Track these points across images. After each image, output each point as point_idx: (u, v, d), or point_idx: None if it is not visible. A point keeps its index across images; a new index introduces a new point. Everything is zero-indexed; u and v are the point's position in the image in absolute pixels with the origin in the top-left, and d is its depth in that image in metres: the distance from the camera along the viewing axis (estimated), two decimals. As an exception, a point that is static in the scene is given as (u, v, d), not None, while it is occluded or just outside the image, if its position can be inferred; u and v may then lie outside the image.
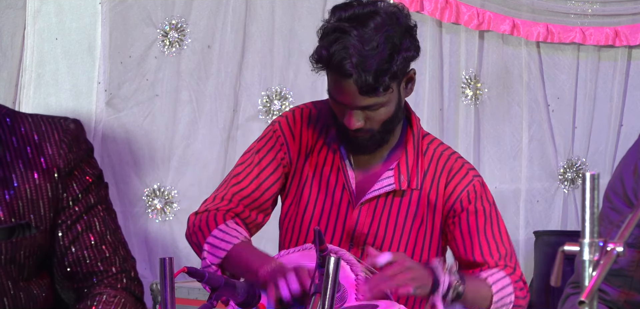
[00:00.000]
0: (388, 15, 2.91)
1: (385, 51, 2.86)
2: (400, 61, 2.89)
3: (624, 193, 2.64)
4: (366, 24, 2.88)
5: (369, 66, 2.85)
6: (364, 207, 3.05)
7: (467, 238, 3.03)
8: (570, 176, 5.69)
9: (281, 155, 3.12)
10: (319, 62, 2.93)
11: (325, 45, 2.90)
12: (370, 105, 2.91)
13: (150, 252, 5.16)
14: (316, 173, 3.10)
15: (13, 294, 2.38)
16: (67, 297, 2.48)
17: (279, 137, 3.13)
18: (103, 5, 5.06)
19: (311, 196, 3.09)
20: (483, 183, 3.09)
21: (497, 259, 3.04)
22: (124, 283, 2.45)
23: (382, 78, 2.86)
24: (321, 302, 2.12)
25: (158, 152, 5.19)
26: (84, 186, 2.41)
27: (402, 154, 3.06)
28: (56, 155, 2.37)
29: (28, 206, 2.35)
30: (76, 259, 2.42)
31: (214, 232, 3.00)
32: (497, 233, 3.07)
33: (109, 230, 2.45)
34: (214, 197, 3.12)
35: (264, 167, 3.11)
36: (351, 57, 2.85)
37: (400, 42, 2.89)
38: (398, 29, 2.91)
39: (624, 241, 1.94)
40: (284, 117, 3.16)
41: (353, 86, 2.87)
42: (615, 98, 5.71)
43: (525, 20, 5.56)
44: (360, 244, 3.05)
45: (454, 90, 5.55)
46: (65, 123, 2.41)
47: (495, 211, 3.09)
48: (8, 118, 2.38)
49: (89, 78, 5.08)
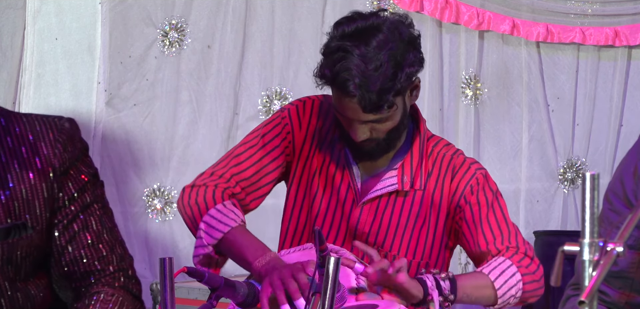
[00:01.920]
0: (390, 30, 2.90)
1: (388, 70, 2.86)
2: (404, 77, 2.89)
3: (624, 194, 2.64)
4: (369, 43, 2.87)
5: (372, 86, 2.84)
6: (366, 206, 3.05)
7: (472, 229, 3.04)
8: (570, 176, 5.69)
9: (285, 144, 3.11)
10: (322, 79, 2.93)
11: (328, 65, 2.90)
12: (375, 119, 2.92)
13: (150, 252, 5.16)
14: (323, 168, 3.10)
15: (10, 295, 2.38)
16: (65, 296, 2.48)
17: (286, 125, 3.12)
18: (103, 5, 5.06)
19: (318, 190, 3.09)
20: (486, 175, 3.10)
21: (500, 244, 3.04)
22: (121, 281, 2.45)
23: (386, 96, 2.86)
24: (321, 302, 2.12)
25: (158, 152, 5.19)
26: (79, 186, 2.40)
27: (407, 155, 3.07)
28: (51, 154, 2.36)
29: (24, 207, 2.35)
30: (73, 259, 2.41)
31: (212, 211, 2.99)
32: (501, 218, 3.08)
33: (106, 229, 2.45)
34: (211, 172, 3.09)
35: (268, 152, 3.10)
36: (354, 78, 2.84)
37: (404, 58, 2.89)
38: (401, 44, 2.90)
39: (623, 242, 1.94)
40: (294, 105, 3.15)
41: (357, 105, 2.88)
42: (615, 98, 5.71)
43: (525, 20, 5.56)
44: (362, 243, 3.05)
45: (454, 90, 5.55)
46: (60, 122, 2.40)
47: (498, 199, 3.10)
48: (2, 118, 2.38)
49: (89, 78, 5.08)
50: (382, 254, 2.99)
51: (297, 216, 3.13)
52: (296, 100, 3.19)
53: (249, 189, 3.08)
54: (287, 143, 3.11)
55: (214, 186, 3.04)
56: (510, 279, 3.00)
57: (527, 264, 3.04)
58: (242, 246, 2.92)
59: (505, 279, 2.99)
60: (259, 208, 3.20)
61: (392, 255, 3.04)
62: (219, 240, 2.95)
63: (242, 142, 3.15)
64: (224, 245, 2.95)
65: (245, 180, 3.08)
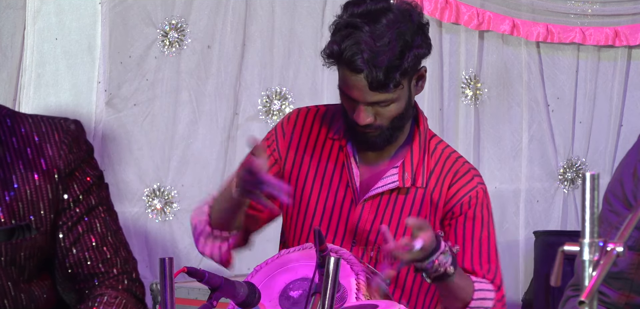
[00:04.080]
0: (400, 12, 2.92)
1: (396, 47, 2.87)
2: (412, 58, 2.90)
3: (624, 195, 2.64)
4: (378, 20, 2.89)
5: (380, 62, 2.85)
6: (367, 204, 3.05)
7: (460, 242, 3.03)
8: (570, 176, 5.69)
9: (270, 154, 3.13)
10: (330, 56, 2.94)
11: (337, 40, 2.91)
12: (380, 101, 2.92)
13: (150, 252, 5.16)
14: (319, 169, 3.10)
15: (14, 296, 2.38)
16: (69, 298, 2.48)
17: (271, 136, 3.15)
18: (103, 5, 5.06)
19: (313, 192, 3.09)
20: (486, 192, 3.09)
21: (486, 272, 3.04)
22: (125, 284, 2.45)
23: (393, 74, 2.87)
24: (321, 302, 2.12)
25: (158, 152, 5.19)
26: (84, 188, 2.40)
27: (407, 152, 3.06)
28: (56, 156, 2.36)
29: (28, 208, 2.35)
30: (77, 261, 2.41)
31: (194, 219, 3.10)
32: (492, 245, 3.07)
33: (110, 231, 2.45)
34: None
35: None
36: (363, 53, 2.86)
37: (412, 39, 2.90)
38: (410, 26, 2.91)
39: (623, 242, 1.94)
40: (282, 118, 3.19)
41: (363, 81, 2.88)
42: (615, 98, 5.71)
43: (525, 20, 5.56)
44: (363, 242, 3.05)
45: (454, 90, 5.55)
46: (66, 124, 2.40)
47: (492, 224, 3.09)
48: (8, 119, 2.38)
49: (89, 78, 5.08)
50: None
51: (295, 218, 3.13)
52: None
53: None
54: (271, 152, 3.13)
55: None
56: (485, 302, 3.00)
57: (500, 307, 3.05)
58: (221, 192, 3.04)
59: (480, 298, 2.98)
60: (259, 209, 3.21)
61: (394, 253, 3.04)
62: (209, 214, 3.03)
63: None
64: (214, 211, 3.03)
65: None
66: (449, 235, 3.03)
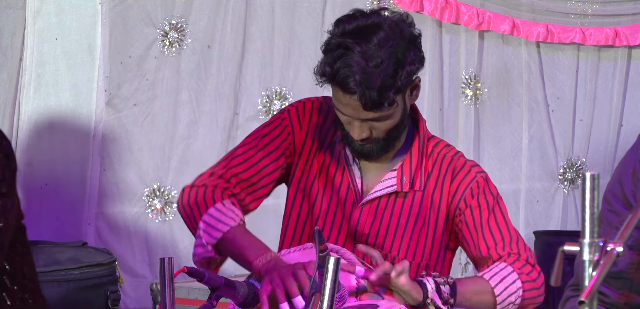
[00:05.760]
0: (391, 28, 2.90)
1: (389, 67, 2.85)
2: (405, 75, 2.89)
3: (623, 195, 2.64)
4: (370, 40, 2.86)
5: (372, 83, 2.84)
6: (366, 207, 3.05)
7: (473, 233, 3.04)
8: (570, 176, 5.69)
9: (286, 145, 3.11)
10: (323, 76, 2.93)
11: (329, 62, 2.90)
12: (375, 117, 2.91)
13: (150, 252, 5.16)
14: (323, 168, 3.10)
15: None
16: None
17: (286, 126, 3.12)
18: (103, 5, 5.06)
19: (319, 191, 3.09)
20: (486, 178, 3.09)
21: (501, 249, 3.04)
22: None
23: (386, 93, 2.86)
24: (321, 302, 2.12)
25: (158, 152, 5.19)
26: None
27: (406, 156, 3.06)
28: None
29: None
30: None
31: (211, 211, 2.97)
32: (502, 223, 3.07)
33: None
34: (211, 173, 3.08)
35: (267, 153, 3.09)
36: (355, 75, 2.84)
37: (404, 56, 2.89)
38: (402, 42, 2.90)
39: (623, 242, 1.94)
40: (294, 106, 3.15)
41: (357, 102, 2.87)
42: (615, 98, 5.71)
43: (525, 20, 5.56)
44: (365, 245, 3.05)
45: (454, 90, 5.55)
46: None
47: (498, 203, 3.09)
48: None
49: (89, 78, 5.08)
50: (382, 255, 2.98)
51: (296, 217, 3.13)
52: (296, 101, 3.18)
53: (248, 189, 3.08)
54: (287, 145, 3.11)
55: (213, 186, 3.03)
56: (510, 286, 2.99)
57: (528, 271, 3.04)
58: (242, 245, 2.91)
59: (505, 286, 2.99)
60: (259, 209, 3.19)
61: (392, 256, 3.04)
62: (219, 239, 2.93)
63: (242, 142, 3.14)
64: (224, 244, 2.94)
65: (245, 181, 3.07)
66: (463, 231, 3.04)
